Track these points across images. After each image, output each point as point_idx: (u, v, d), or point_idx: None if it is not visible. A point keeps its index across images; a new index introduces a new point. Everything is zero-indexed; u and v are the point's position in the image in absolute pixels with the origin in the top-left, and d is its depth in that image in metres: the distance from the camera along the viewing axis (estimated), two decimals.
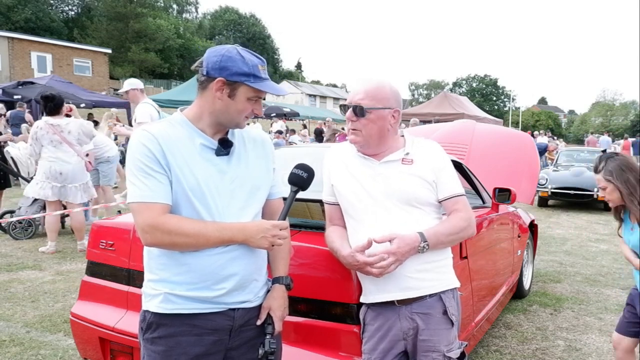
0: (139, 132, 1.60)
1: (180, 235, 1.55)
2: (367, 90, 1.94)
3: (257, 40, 66.67)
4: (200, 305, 1.63)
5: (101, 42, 41.81)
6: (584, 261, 6.53)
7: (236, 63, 1.59)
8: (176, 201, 1.59)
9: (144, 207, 1.54)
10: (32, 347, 3.54)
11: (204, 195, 1.60)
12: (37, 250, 6.16)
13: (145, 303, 1.68)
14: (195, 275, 1.61)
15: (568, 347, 3.83)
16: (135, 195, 1.56)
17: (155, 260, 1.65)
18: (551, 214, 10.47)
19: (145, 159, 1.55)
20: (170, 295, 1.62)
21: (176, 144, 1.59)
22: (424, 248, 1.87)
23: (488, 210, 3.73)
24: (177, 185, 1.58)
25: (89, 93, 19.34)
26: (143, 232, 1.55)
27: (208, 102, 1.63)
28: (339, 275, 2.14)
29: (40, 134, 5.75)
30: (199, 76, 1.64)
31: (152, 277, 1.67)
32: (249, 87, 1.62)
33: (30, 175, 7.77)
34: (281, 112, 25.00)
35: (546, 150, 16.41)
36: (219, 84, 1.59)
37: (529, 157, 5.38)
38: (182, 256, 1.61)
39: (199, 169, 1.60)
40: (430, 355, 1.95)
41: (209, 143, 1.64)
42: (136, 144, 1.58)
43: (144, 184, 1.55)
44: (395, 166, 1.98)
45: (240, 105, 1.63)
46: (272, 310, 1.77)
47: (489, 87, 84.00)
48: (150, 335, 1.65)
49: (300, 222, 2.50)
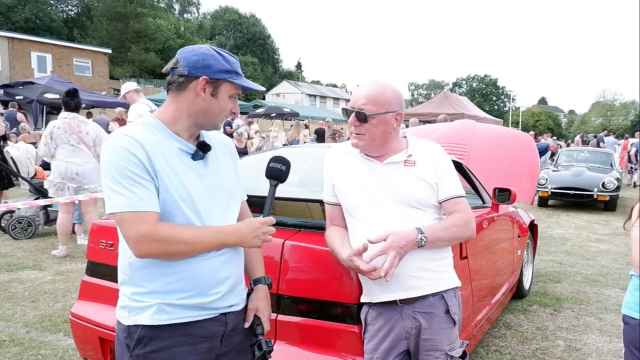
0: (120, 137, 1.51)
1: (177, 244, 1.49)
2: (369, 96, 1.94)
3: (257, 40, 66.65)
4: (195, 312, 1.59)
5: (101, 42, 41.80)
6: (584, 261, 6.53)
7: (218, 61, 1.58)
8: (165, 209, 1.52)
9: (135, 216, 1.46)
10: (32, 347, 3.54)
11: (193, 202, 1.56)
12: (37, 250, 6.16)
13: (131, 317, 1.57)
14: (189, 282, 1.57)
15: (568, 347, 3.83)
16: (123, 204, 1.46)
17: (140, 272, 1.57)
18: (551, 214, 10.47)
19: (131, 165, 1.47)
20: (163, 306, 1.55)
21: (159, 149, 1.53)
22: (422, 240, 1.86)
23: (488, 210, 3.72)
24: (166, 193, 1.52)
25: (89, 93, 19.33)
26: (137, 243, 1.47)
27: (187, 103, 1.58)
28: (339, 275, 2.14)
29: (57, 134, 5.64)
30: (173, 77, 1.59)
31: (137, 290, 1.57)
32: (231, 84, 1.61)
33: (30, 175, 7.78)
34: (281, 112, 24.98)
35: (547, 151, 16.39)
36: (202, 82, 1.56)
37: (529, 157, 5.38)
38: (172, 265, 1.55)
39: (184, 175, 1.56)
40: (433, 355, 1.96)
41: (186, 147, 1.60)
42: (119, 149, 1.48)
43: (132, 193, 1.46)
44: (398, 167, 1.98)
45: (223, 103, 1.62)
46: (260, 310, 1.77)
47: (489, 87, 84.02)
48: (142, 350, 1.55)
49: (300, 222, 2.50)
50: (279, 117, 24.17)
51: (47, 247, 6.31)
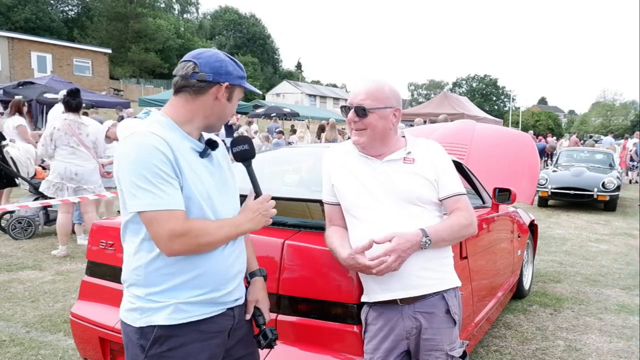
0: (147, 135, 1.52)
1: (205, 237, 1.54)
2: (367, 91, 1.96)
3: (257, 40, 66.62)
4: (208, 309, 1.63)
5: (101, 42, 41.80)
6: (584, 261, 6.53)
7: (235, 67, 1.67)
8: (188, 206, 1.56)
9: (166, 215, 1.48)
10: (32, 347, 3.54)
11: (210, 199, 1.61)
12: (37, 250, 6.16)
13: (144, 318, 1.58)
14: (207, 278, 1.61)
15: (568, 347, 3.83)
16: (152, 203, 1.48)
17: (157, 272, 1.58)
18: (551, 214, 10.46)
19: (161, 164, 1.49)
20: (181, 305, 1.57)
21: (180, 148, 1.57)
22: (426, 243, 1.88)
23: (488, 210, 3.72)
24: (188, 190, 1.56)
25: (88, 93, 19.33)
26: (169, 241, 1.49)
27: (205, 107, 1.63)
28: (339, 275, 2.14)
29: (57, 135, 5.63)
30: (191, 82, 1.60)
31: (152, 290, 1.58)
32: (241, 88, 1.70)
33: (30, 175, 7.77)
34: (281, 112, 24.98)
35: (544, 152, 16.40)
36: (224, 88, 1.63)
37: (529, 157, 5.38)
38: (190, 262, 1.58)
39: (201, 173, 1.61)
40: (433, 354, 1.96)
41: (196, 146, 1.64)
42: (149, 147, 1.49)
43: (161, 191, 1.48)
44: (397, 165, 1.99)
45: (234, 107, 1.71)
46: (260, 302, 1.84)
47: (489, 87, 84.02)
48: (158, 350, 1.58)
49: (300, 222, 2.50)
50: (279, 117, 24.15)
51: (47, 247, 6.31)
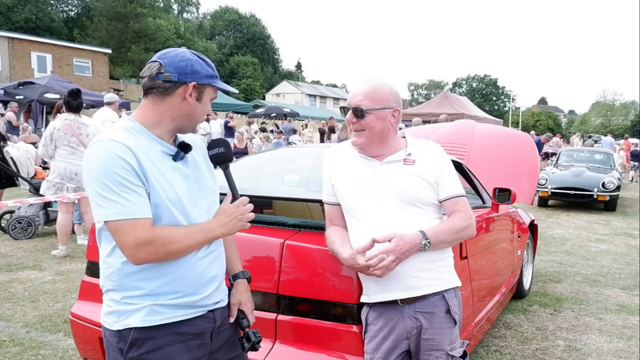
0: (107, 142, 1.48)
1: (172, 245, 1.51)
2: (365, 92, 1.96)
3: (257, 40, 66.59)
4: (185, 311, 1.61)
5: (101, 42, 41.79)
6: (584, 261, 6.53)
7: (203, 66, 1.61)
8: (156, 213, 1.52)
9: (131, 224, 1.45)
10: (32, 347, 3.54)
11: (181, 203, 1.57)
12: (37, 250, 6.16)
13: (121, 321, 1.56)
14: (181, 284, 1.58)
15: (568, 347, 3.83)
16: (117, 212, 1.44)
17: (130, 277, 1.56)
18: (551, 214, 10.47)
19: (123, 172, 1.45)
20: (155, 306, 1.56)
21: (146, 154, 1.52)
22: (426, 246, 1.88)
23: (488, 210, 3.73)
24: (157, 197, 1.52)
25: (89, 93, 19.31)
26: (135, 250, 1.46)
27: (172, 108, 1.58)
28: (339, 275, 2.14)
29: (57, 136, 5.64)
30: (157, 82, 1.56)
31: (128, 294, 1.57)
32: (212, 88, 1.64)
33: (30, 176, 7.78)
34: (281, 112, 25.01)
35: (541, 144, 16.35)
36: (191, 88, 1.58)
37: (529, 157, 5.39)
38: (163, 267, 1.56)
39: (171, 178, 1.57)
40: (434, 354, 1.96)
41: (167, 149, 1.60)
42: (109, 155, 1.46)
43: (125, 200, 1.45)
44: (397, 166, 1.99)
45: (206, 107, 1.65)
46: (243, 304, 1.81)
47: (489, 87, 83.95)
48: (136, 352, 1.56)
49: (300, 222, 2.50)
50: (279, 117, 24.17)
51: (47, 247, 6.30)
